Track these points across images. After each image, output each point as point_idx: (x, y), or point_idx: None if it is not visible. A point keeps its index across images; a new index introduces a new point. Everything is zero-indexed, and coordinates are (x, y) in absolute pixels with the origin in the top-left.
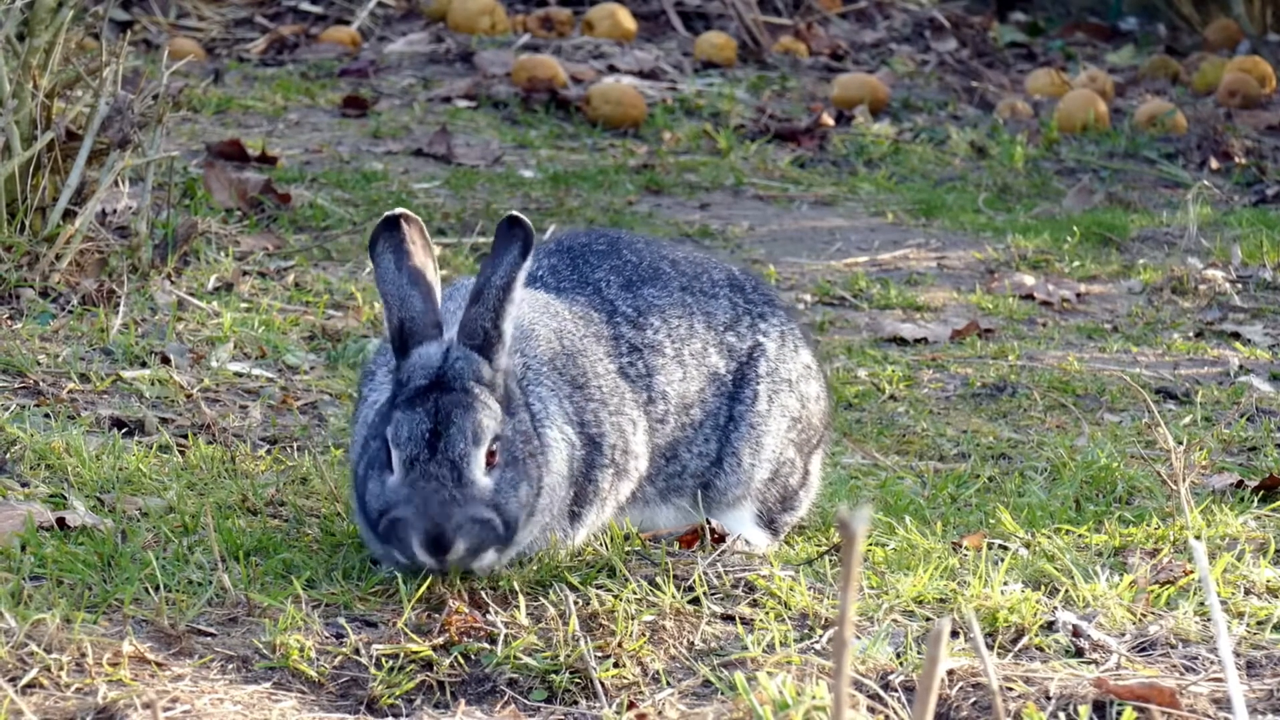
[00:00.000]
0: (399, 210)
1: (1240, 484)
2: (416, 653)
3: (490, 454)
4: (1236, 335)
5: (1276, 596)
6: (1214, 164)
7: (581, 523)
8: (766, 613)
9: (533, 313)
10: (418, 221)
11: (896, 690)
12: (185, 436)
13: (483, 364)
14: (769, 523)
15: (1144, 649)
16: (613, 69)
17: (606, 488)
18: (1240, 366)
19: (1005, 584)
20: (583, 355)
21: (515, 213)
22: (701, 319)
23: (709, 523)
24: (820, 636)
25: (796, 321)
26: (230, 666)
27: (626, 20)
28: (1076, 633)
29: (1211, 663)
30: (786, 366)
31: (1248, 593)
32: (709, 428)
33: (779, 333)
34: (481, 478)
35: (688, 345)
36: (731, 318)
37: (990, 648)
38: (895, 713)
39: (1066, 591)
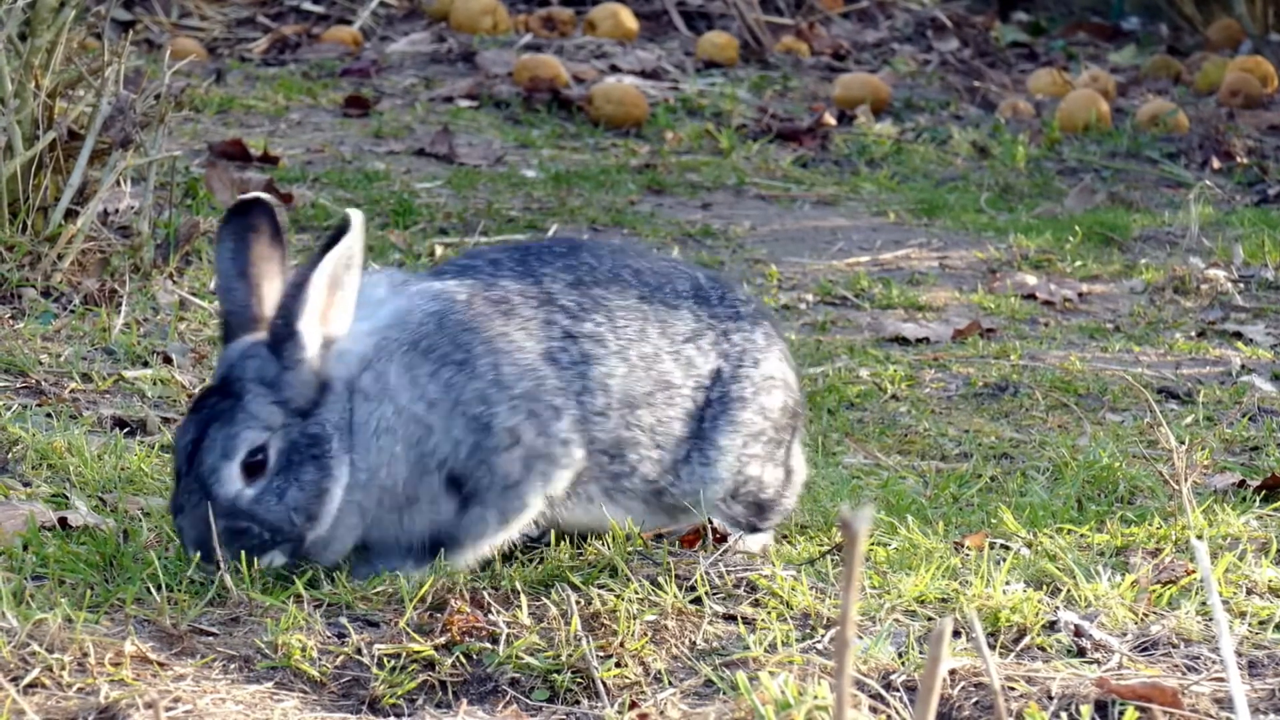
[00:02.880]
0: (252, 194)
1: (1242, 484)
2: (418, 652)
3: (254, 464)
4: (1238, 335)
5: (1278, 596)
6: (1216, 164)
7: (486, 509)
8: (768, 612)
9: (420, 300)
10: (270, 208)
11: (898, 690)
12: None
13: (271, 364)
14: (750, 529)
15: (1146, 649)
16: (615, 69)
17: (515, 474)
18: (1242, 366)
19: (1007, 584)
20: (471, 333)
21: (351, 210)
22: (657, 326)
23: (711, 523)
24: (822, 636)
25: (764, 326)
26: (232, 666)
27: (628, 20)
28: (1078, 632)
29: (1213, 662)
30: (740, 385)
31: (1249, 592)
32: (662, 435)
33: (739, 350)
34: (234, 490)
35: (636, 346)
36: (693, 331)
37: (992, 647)
38: (897, 712)
39: (1068, 591)
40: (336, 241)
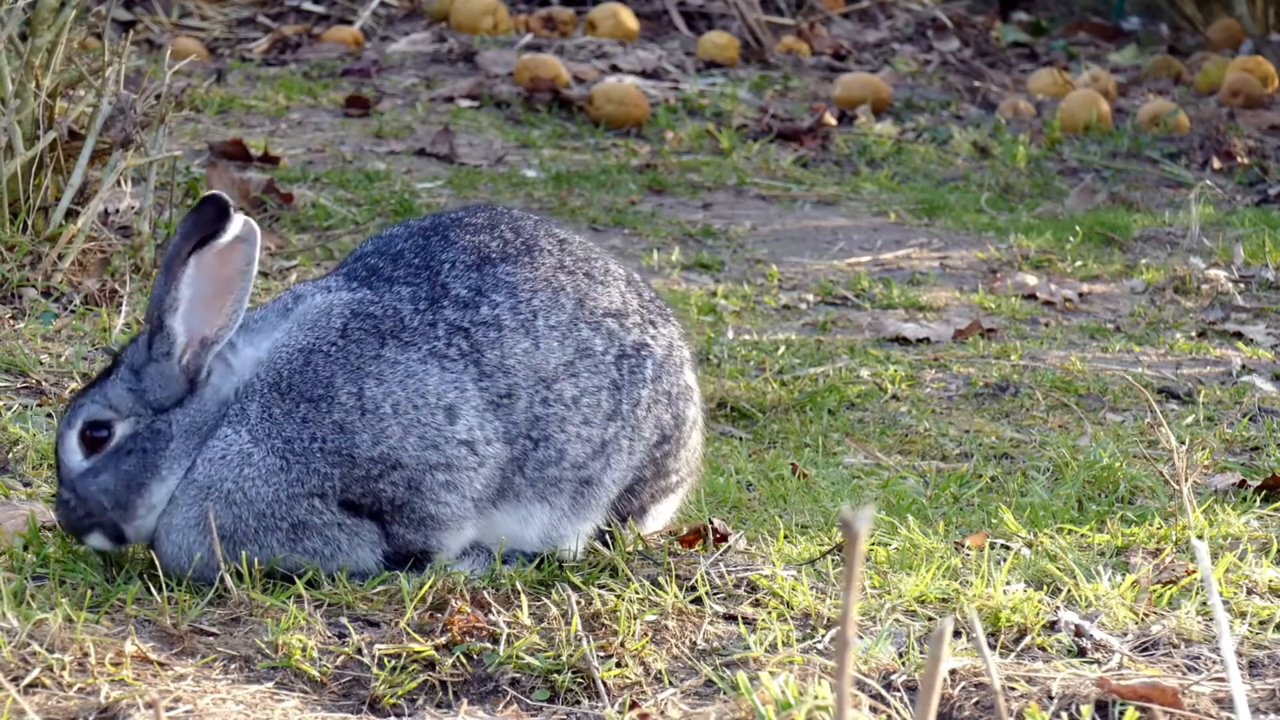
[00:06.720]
0: (210, 193)
1: (1243, 484)
2: (419, 652)
3: (96, 439)
4: (1239, 335)
5: (1278, 596)
6: (1216, 164)
7: (397, 528)
8: (769, 612)
9: (297, 332)
10: (223, 206)
11: (899, 690)
12: None
13: (141, 353)
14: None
15: (1146, 649)
16: (615, 69)
17: (400, 495)
18: (1243, 366)
19: (1008, 584)
20: (336, 366)
21: (240, 215)
22: (573, 297)
23: (711, 523)
24: (823, 636)
25: (686, 344)
26: (233, 666)
27: (629, 20)
28: (1079, 632)
29: (1214, 662)
30: (670, 379)
31: (1250, 592)
32: (588, 407)
33: (667, 343)
34: (73, 460)
35: (545, 317)
36: (618, 309)
37: (993, 647)
38: (897, 712)
39: (1069, 591)
40: (209, 240)
